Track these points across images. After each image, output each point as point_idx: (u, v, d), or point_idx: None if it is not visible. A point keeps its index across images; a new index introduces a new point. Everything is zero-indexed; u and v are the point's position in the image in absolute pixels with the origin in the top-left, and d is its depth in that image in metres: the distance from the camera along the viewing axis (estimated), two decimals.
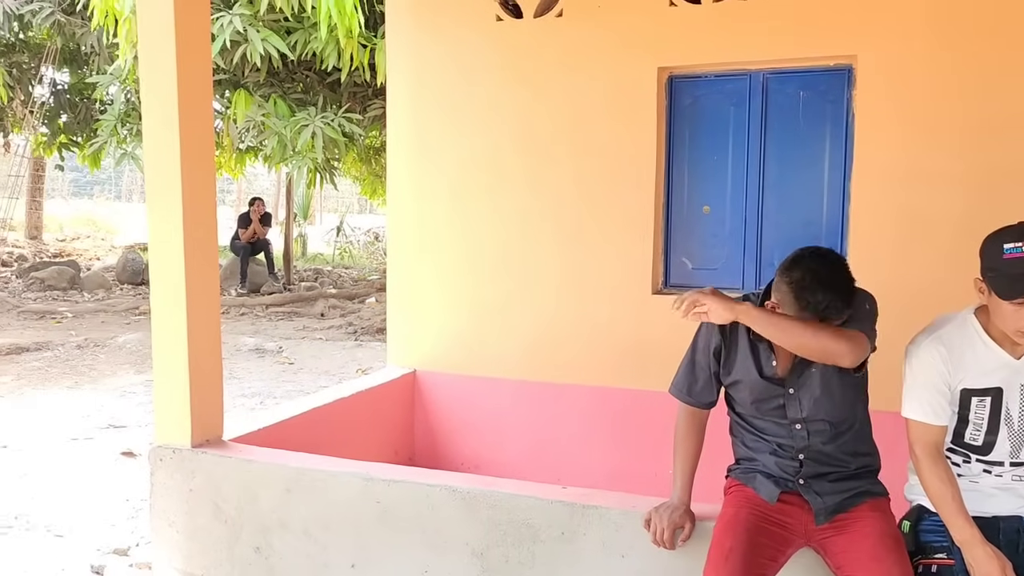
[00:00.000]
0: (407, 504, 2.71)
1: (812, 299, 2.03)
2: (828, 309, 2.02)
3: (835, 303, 2.02)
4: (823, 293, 2.02)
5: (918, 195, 3.58)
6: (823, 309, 2.02)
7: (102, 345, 8.28)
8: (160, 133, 2.96)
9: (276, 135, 7.89)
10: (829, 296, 2.02)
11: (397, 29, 4.50)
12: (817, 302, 2.02)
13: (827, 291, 2.02)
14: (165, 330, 3.04)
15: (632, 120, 4.04)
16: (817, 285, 2.03)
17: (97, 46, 9.41)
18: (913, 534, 2.08)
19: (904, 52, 3.56)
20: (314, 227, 22.51)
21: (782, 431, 2.22)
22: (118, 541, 3.68)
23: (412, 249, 4.51)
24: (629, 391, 4.09)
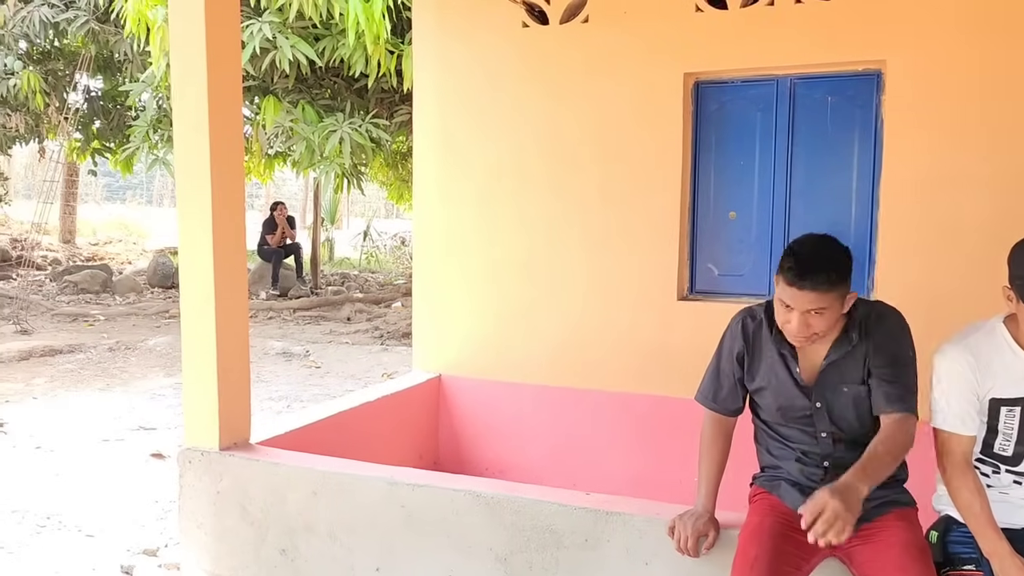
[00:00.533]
0: (431, 508, 2.73)
1: (784, 258, 2.07)
2: (790, 270, 2.03)
3: (791, 263, 2.03)
4: (793, 257, 2.05)
5: (947, 201, 3.54)
6: (786, 269, 2.05)
7: (133, 348, 8.41)
8: (191, 139, 3.00)
9: (304, 140, 7.97)
10: (793, 259, 2.04)
11: (424, 35, 4.53)
12: (784, 262, 2.06)
13: (790, 256, 2.06)
14: (194, 334, 3.08)
15: (658, 126, 4.03)
16: (788, 251, 2.08)
17: (130, 54, 9.57)
18: (941, 545, 2.06)
19: (933, 57, 3.52)
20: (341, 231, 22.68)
21: (807, 439, 2.21)
22: (147, 542, 3.74)
23: (438, 254, 4.53)
24: (653, 397, 4.08)
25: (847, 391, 2.14)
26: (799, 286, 2.01)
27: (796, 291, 2.02)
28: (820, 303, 2.02)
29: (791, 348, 2.19)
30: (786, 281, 2.04)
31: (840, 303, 2.07)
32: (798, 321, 2.05)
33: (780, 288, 2.08)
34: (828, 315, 2.05)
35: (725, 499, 2.35)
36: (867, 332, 2.13)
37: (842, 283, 2.04)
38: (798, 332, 2.06)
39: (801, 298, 2.02)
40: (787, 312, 2.07)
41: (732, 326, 2.33)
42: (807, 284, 2.00)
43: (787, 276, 2.04)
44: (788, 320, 2.07)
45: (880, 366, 2.10)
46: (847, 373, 2.14)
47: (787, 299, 2.06)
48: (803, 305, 2.03)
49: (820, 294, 2.01)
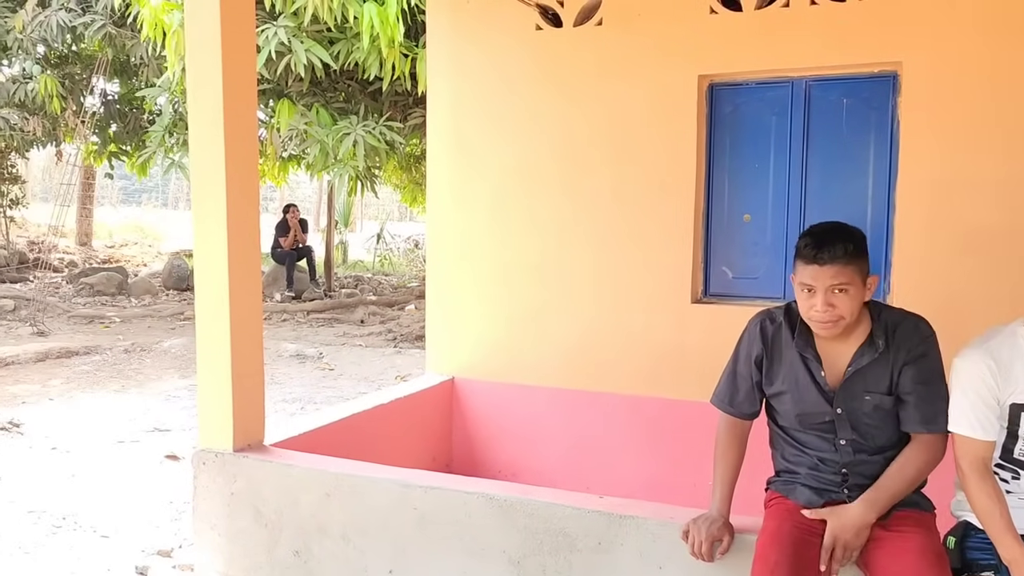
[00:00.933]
0: (444, 511, 2.72)
1: (799, 244, 2.09)
2: (807, 247, 2.06)
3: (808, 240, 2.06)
4: (808, 235, 2.08)
5: (964, 203, 3.51)
6: (802, 247, 2.07)
7: (148, 349, 8.46)
8: (206, 142, 3.02)
9: (318, 143, 8.00)
10: (806, 239, 2.07)
11: (438, 38, 4.54)
12: (800, 242, 2.09)
13: (805, 236, 2.09)
14: (209, 336, 3.10)
15: (672, 128, 4.02)
16: (805, 233, 2.11)
17: (146, 58, 9.64)
18: (959, 551, 2.03)
19: (950, 58, 3.50)
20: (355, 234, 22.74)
21: (826, 445, 2.19)
22: (162, 543, 3.76)
23: (451, 257, 4.53)
24: (667, 400, 4.06)
25: (869, 399, 2.12)
26: (819, 260, 2.02)
27: (816, 268, 2.02)
28: (841, 277, 2.01)
29: (814, 352, 2.17)
30: (804, 260, 2.05)
31: (862, 282, 2.06)
32: (822, 303, 2.03)
33: (800, 271, 2.08)
34: (851, 294, 2.04)
35: (739, 503, 2.33)
36: (895, 342, 2.11)
37: (860, 257, 2.05)
38: (823, 314, 2.04)
39: (821, 274, 2.02)
40: (810, 296, 2.06)
41: (750, 328, 2.31)
42: (825, 256, 2.01)
43: (805, 254, 2.05)
44: (812, 304, 2.06)
45: (915, 383, 2.09)
46: (872, 381, 2.12)
47: (808, 279, 2.05)
48: (824, 281, 2.02)
49: (840, 267, 2.01)
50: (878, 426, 2.15)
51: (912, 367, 2.10)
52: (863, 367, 2.13)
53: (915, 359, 2.10)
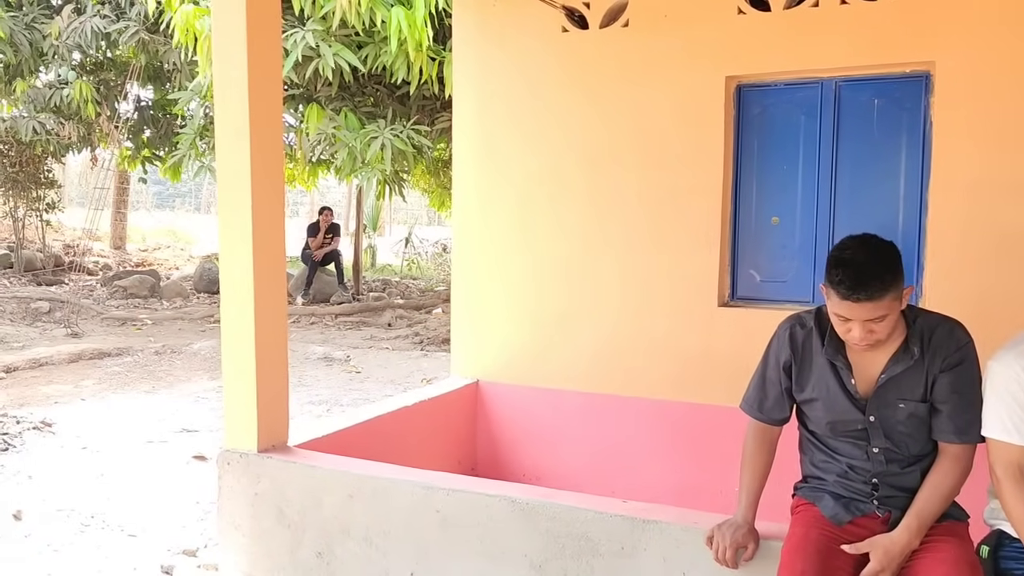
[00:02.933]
0: (467, 513, 2.71)
1: (832, 270, 1.99)
2: (841, 284, 1.95)
3: (842, 277, 1.95)
4: (843, 270, 1.96)
5: (1000, 206, 3.43)
6: (837, 282, 1.96)
7: (179, 351, 8.56)
8: (232, 145, 3.04)
9: (346, 147, 8.05)
10: (844, 271, 1.95)
11: (464, 40, 4.54)
12: (834, 276, 1.98)
13: (839, 268, 1.97)
14: (234, 337, 3.11)
15: (699, 130, 3.98)
16: (835, 263, 1.99)
17: (179, 63, 9.77)
18: (992, 560, 1.98)
19: (983, 57, 3.42)
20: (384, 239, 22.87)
21: (858, 452, 2.14)
22: (188, 542, 3.78)
23: (477, 260, 4.53)
24: (694, 405, 4.01)
25: (904, 407, 2.07)
26: (855, 299, 1.94)
27: (852, 304, 1.95)
28: (879, 311, 1.95)
29: (845, 359, 2.12)
30: (839, 296, 1.97)
31: (899, 303, 2.00)
32: (860, 330, 1.98)
33: (833, 302, 2.00)
34: (890, 319, 1.99)
35: (764, 509, 2.29)
36: (931, 348, 2.06)
37: (896, 285, 1.97)
38: (862, 340, 2.00)
39: (859, 310, 1.95)
40: (847, 323, 2.00)
41: (780, 334, 2.26)
42: (863, 296, 1.93)
43: (840, 291, 1.96)
44: (849, 330, 2.01)
45: (950, 392, 2.04)
46: (906, 389, 2.08)
47: (844, 313, 1.99)
48: (862, 316, 1.96)
49: (877, 303, 1.94)
50: (912, 434, 2.10)
51: (948, 375, 2.05)
52: (897, 375, 2.08)
53: (951, 367, 2.05)
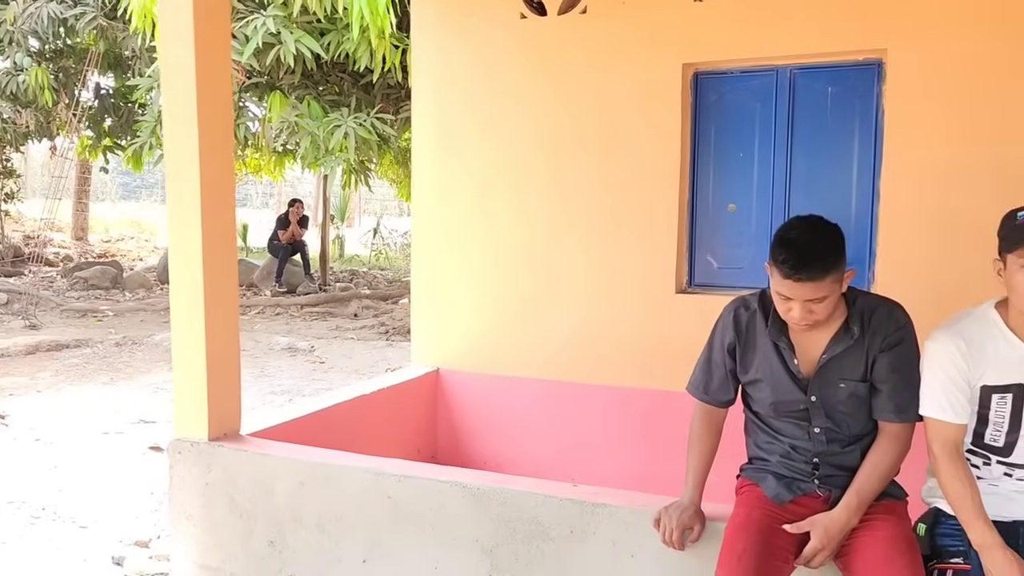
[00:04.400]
0: (418, 500, 2.70)
1: (776, 249, 2.00)
2: (784, 263, 1.96)
3: (786, 256, 1.96)
4: (785, 249, 1.97)
5: (951, 193, 3.48)
6: (780, 261, 1.97)
7: (140, 343, 8.44)
8: (179, 131, 2.98)
9: (309, 135, 7.97)
10: (787, 251, 1.97)
11: (422, 27, 4.50)
12: (777, 254, 1.99)
13: (782, 248, 1.98)
14: (184, 326, 3.07)
15: (657, 117, 3.99)
16: (779, 242, 2.01)
17: (138, 51, 9.60)
18: (929, 537, 2.01)
19: (935, 46, 3.46)
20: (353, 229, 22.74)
21: (800, 433, 2.17)
22: (140, 533, 3.74)
23: (436, 248, 4.50)
24: (653, 391, 4.03)
25: (844, 387, 2.10)
26: (796, 279, 1.96)
27: (793, 283, 1.97)
28: (820, 292, 1.97)
29: (788, 340, 2.14)
30: (782, 274, 1.98)
31: (839, 285, 2.02)
32: (800, 310, 2.00)
33: (776, 280, 2.02)
34: (829, 300, 2.00)
35: (713, 491, 2.31)
36: (870, 328, 2.08)
37: (838, 267, 1.99)
38: (801, 320, 2.02)
39: (800, 290, 1.97)
40: (787, 302, 2.02)
41: (724, 316, 2.28)
42: (804, 276, 1.95)
43: (782, 270, 1.98)
44: (789, 309, 2.03)
45: (890, 371, 2.06)
46: (847, 369, 2.10)
47: (785, 291, 2.00)
48: (803, 296, 1.98)
49: (818, 283, 1.96)
50: (852, 414, 2.12)
51: (887, 355, 2.07)
52: (838, 354, 2.10)
53: (891, 347, 2.07)
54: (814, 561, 2.00)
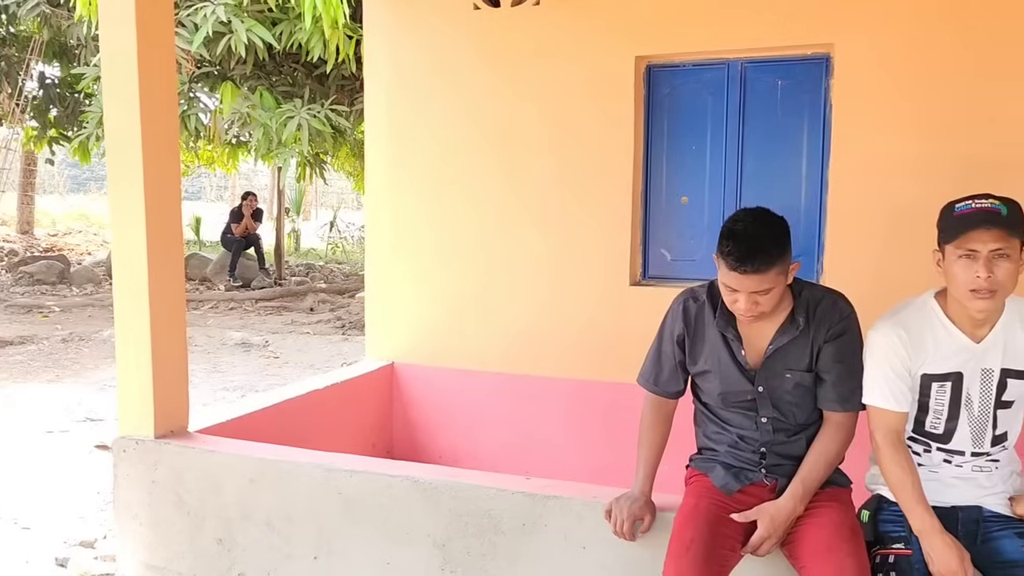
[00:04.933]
0: (369, 495, 2.67)
1: (722, 241, 2.02)
2: (730, 255, 1.98)
3: (731, 248, 1.98)
4: (732, 241, 1.99)
5: (898, 186, 3.54)
6: (726, 253, 1.99)
7: (87, 339, 8.24)
8: (121, 120, 2.90)
9: (262, 127, 7.84)
10: (733, 243, 1.99)
11: (375, 18, 4.45)
12: (723, 246, 2.01)
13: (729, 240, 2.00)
14: (127, 320, 3.00)
15: (610, 110, 3.99)
16: (726, 234, 2.02)
17: (83, 39, 9.34)
18: (872, 524, 2.04)
19: (880, 42, 3.52)
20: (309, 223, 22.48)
21: (748, 423, 2.19)
22: (86, 533, 3.64)
23: (390, 241, 4.46)
24: (607, 384, 4.05)
25: (790, 377, 2.12)
26: (741, 271, 1.98)
27: (739, 276, 1.99)
28: (765, 284, 1.99)
29: (735, 331, 2.16)
30: (728, 266, 2.00)
31: (784, 276, 2.05)
32: (746, 301, 2.02)
33: (723, 272, 2.04)
34: (774, 292, 2.03)
35: (664, 482, 2.32)
36: (815, 319, 2.11)
37: (784, 257, 2.01)
38: (747, 312, 2.04)
39: (745, 281, 1.99)
40: (733, 293, 2.04)
41: (674, 308, 2.29)
42: (749, 268, 1.97)
43: (728, 262, 1.99)
44: (735, 300, 2.04)
45: (834, 362, 2.09)
46: (792, 359, 2.12)
47: (731, 283, 2.02)
48: (749, 288, 2.00)
49: (763, 275, 1.98)
50: (798, 403, 2.15)
51: (832, 345, 2.10)
52: (784, 345, 2.12)
53: (835, 337, 2.10)
54: (761, 549, 2.02)
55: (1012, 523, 1.94)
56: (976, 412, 1.97)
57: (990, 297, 1.85)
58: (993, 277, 1.83)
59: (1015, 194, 1.96)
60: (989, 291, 1.84)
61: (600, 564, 2.39)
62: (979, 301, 1.86)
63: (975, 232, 1.84)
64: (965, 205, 1.90)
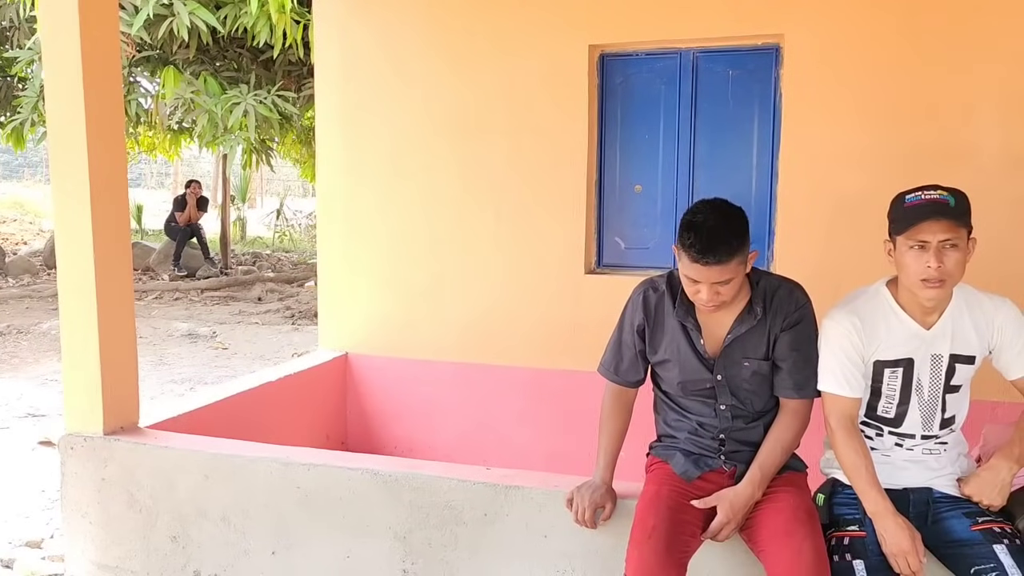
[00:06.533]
0: (328, 489, 2.65)
1: (683, 233, 2.03)
2: (692, 247, 2.00)
3: (693, 239, 2.00)
4: (693, 233, 2.01)
5: (846, 175, 3.62)
6: (688, 245, 2.01)
7: (25, 332, 7.99)
8: (64, 103, 2.81)
9: (207, 113, 7.66)
10: (694, 235, 2.00)
11: (325, 4, 4.37)
12: (684, 238, 2.02)
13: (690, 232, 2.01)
14: (73, 313, 2.90)
15: (564, 99, 4.00)
16: (687, 226, 2.03)
17: (16, 20, 8.98)
18: (827, 507, 2.09)
19: (831, 31, 3.58)
20: (255, 210, 22.07)
21: (707, 410, 2.22)
22: (31, 533, 3.54)
23: (343, 229, 4.41)
24: (563, 372, 4.07)
25: (748, 366, 2.16)
26: (703, 263, 2.00)
27: (701, 267, 2.01)
28: (726, 275, 2.02)
29: (694, 321, 2.18)
30: (690, 258, 2.02)
31: (744, 267, 2.08)
32: (708, 292, 2.04)
33: (684, 264, 2.05)
34: (735, 282, 2.06)
35: (624, 469, 2.34)
36: (772, 308, 2.15)
37: (743, 249, 2.04)
38: (709, 302, 2.06)
39: (707, 272, 2.01)
40: (695, 284, 2.06)
41: (633, 298, 2.31)
42: (711, 259, 1.99)
43: (690, 254, 2.01)
44: (697, 291, 2.06)
45: (790, 349, 2.13)
46: (750, 348, 2.16)
47: (693, 275, 2.04)
48: (710, 279, 2.02)
49: (724, 266, 2.00)
50: (756, 391, 2.19)
51: (788, 334, 2.14)
52: (742, 334, 2.16)
53: (791, 326, 2.14)
54: (721, 534, 2.06)
55: (961, 503, 2.01)
56: (926, 396, 2.03)
57: (940, 286, 1.91)
58: (942, 267, 1.88)
59: (957, 182, 2.03)
60: (939, 280, 1.90)
61: (562, 552, 2.40)
62: (929, 290, 1.92)
63: (925, 223, 1.89)
64: (915, 196, 1.94)
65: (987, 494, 1.98)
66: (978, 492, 1.99)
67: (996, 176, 3.41)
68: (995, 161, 3.44)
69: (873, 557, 1.93)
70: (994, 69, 3.41)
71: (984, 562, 1.86)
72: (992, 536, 1.90)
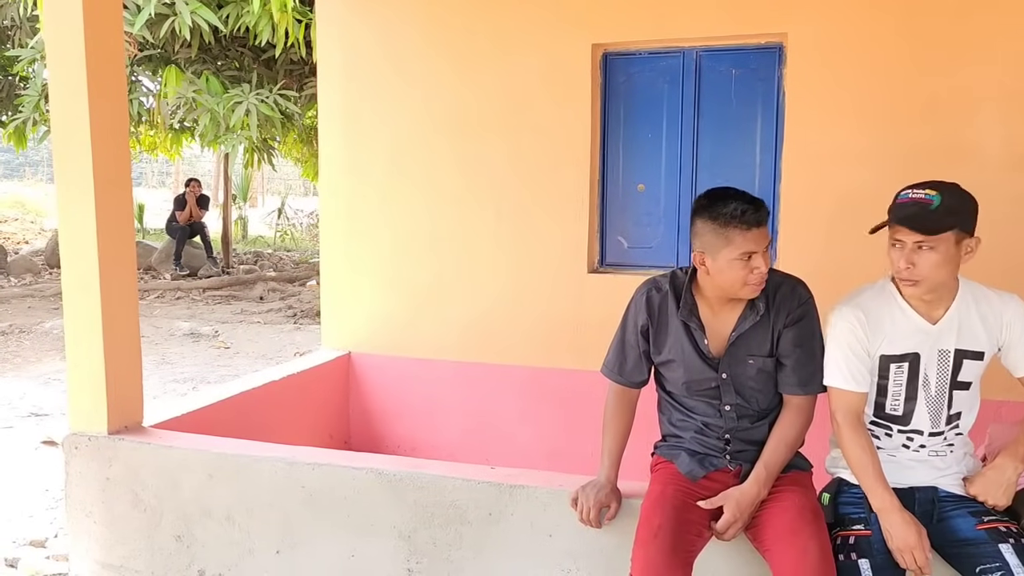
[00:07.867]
0: (332, 488, 2.65)
1: (724, 209, 2.03)
2: (744, 212, 2.01)
3: (741, 206, 2.01)
4: (733, 201, 2.02)
5: (848, 174, 3.61)
6: (739, 215, 2.01)
7: (28, 331, 7.99)
8: (68, 104, 2.81)
9: (209, 112, 7.66)
10: (735, 202, 2.02)
11: (326, 4, 4.37)
12: (731, 211, 2.02)
13: (734, 199, 2.03)
14: (77, 312, 2.90)
15: (567, 98, 3.99)
16: (725, 195, 2.05)
17: (19, 19, 8.99)
18: (832, 506, 2.09)
19: (834, 30, 3.58)
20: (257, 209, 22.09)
21: (711, 411, 2.22)
22: (35, 532, 3.54)
23: (345, 229, 4.41)
24: (565, 371, 4.07)
25: (753, 363, 2.16)
26: (757, 223, 2.02)
27: (756, 231, 2.03)
28: (767, 238, 2.07)
29: (698, 320, 2.19)
30: (747, 225, 2.01)
31: None
32: (764, 259, 2.05)
33: (740, 240, 2.02)
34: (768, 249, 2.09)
35: (629, 469, 2.35)
36: (775, 304, 2.15)
37: None
38: (765, 274, 2.07)
39: (762, 236, 2.04)
40: (750, 260, 2.04)
41: (636, 298, 2.31)
42: (763, 217, 2.04)
43: (747, 219, 2.01)
44: (756, 267, 2.05)
45: (793, 346, 2.13)
46: (754, 345, 2.16)
47: (751, 244, 2.02)
48: (764, 242, 2.05)
49: (765, 227, 2.06)
50: (761, 389, 2.19)
51: (791, 330, 2.14)
52: (746, 332, 2.16)
53: (794, 322, 2.15)
54: (727, 534, 2.06)
55: (966, 502, 2.01)
56: (933, 392, 2.03)
57: (913, 286, 1.93)
58: (913, 269, 1.91)
59: (959, 180, 2.01)
60: (911, 281, 1.91)
61: (567, 552, 2.40)
62: (906, 287, 1.96)
63: (901, 224, 1.90)
64: (904, 194, 1.97)
65: (992, 493, 1.98)
66: (983, 491, 1.99)
67: (997, 175, 3.40)
68: (996, 160, 3.44)
69: (878, 556, 1.93)
70: (994, 69, 3.41)
71: (989, 561, 1.86)
72: (997, 535, 1.90)
